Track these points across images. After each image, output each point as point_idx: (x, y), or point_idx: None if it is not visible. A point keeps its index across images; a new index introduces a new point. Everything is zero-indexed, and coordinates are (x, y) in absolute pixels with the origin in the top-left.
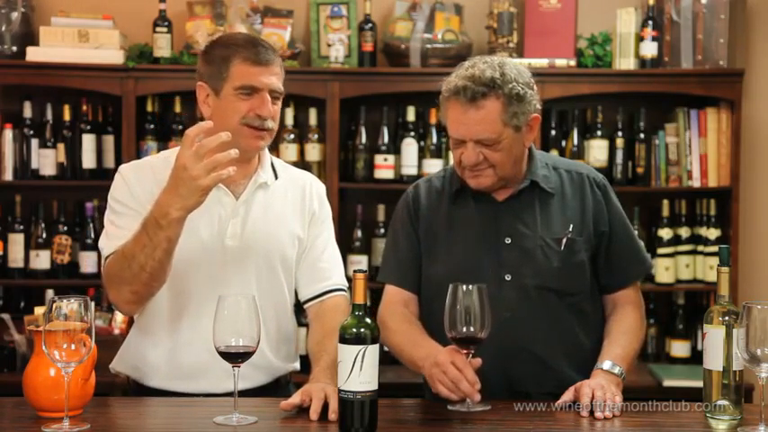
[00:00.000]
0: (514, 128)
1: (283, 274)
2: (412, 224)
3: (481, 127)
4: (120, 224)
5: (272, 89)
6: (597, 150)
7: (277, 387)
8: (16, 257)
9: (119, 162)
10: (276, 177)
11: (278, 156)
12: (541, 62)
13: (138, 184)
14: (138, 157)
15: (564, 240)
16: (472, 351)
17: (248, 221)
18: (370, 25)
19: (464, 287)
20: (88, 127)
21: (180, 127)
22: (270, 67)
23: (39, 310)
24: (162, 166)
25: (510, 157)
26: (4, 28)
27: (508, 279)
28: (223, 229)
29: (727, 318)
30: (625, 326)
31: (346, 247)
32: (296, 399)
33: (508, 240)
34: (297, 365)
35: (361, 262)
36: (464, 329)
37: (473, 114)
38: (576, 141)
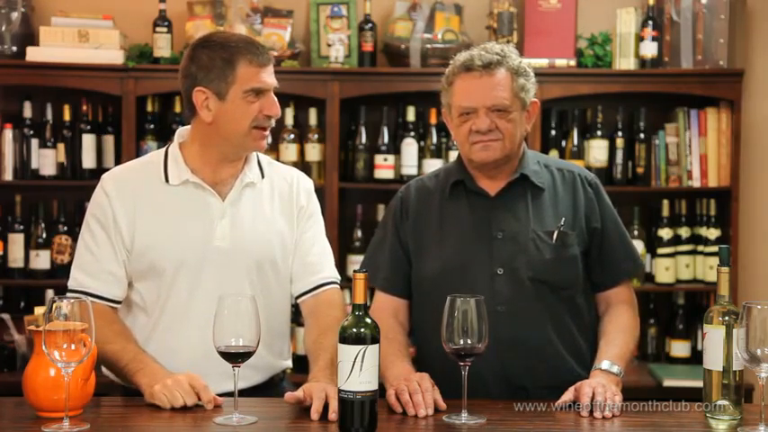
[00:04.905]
0: (521, 102)
1: (273, 274)
2: (399, 227)
3: (495, 92)
4: (94, 251)
5: (275, 87)
6: (597, 150)
7: (271, 385)
8: (16, 257)
9: (119, 162)
10: (263, 176)
11: (278, 156)
12: (541, 62)
13: (119, 199)
14: (138, 156)
15: (556, 233)
16: (469, 363)
17: (237, 222)
18: (370, 25)
19: (461, 299)
20: (88, 127)
21: (180, 127)
22: (270, 66)
23: (39, 310)
24: (144, 172)
25: (517, 132)
26: (4, 28)
27: (500, 273)
28: (211, 230)
29: (727, 318)
30: (620, 325)
31: (346, 247)
32: (299, 393)
33: (500, 235)
34: (289, 363)
35: (361, 262)
36: (462, 342)
37: (487, 80)
38: (575, 141)
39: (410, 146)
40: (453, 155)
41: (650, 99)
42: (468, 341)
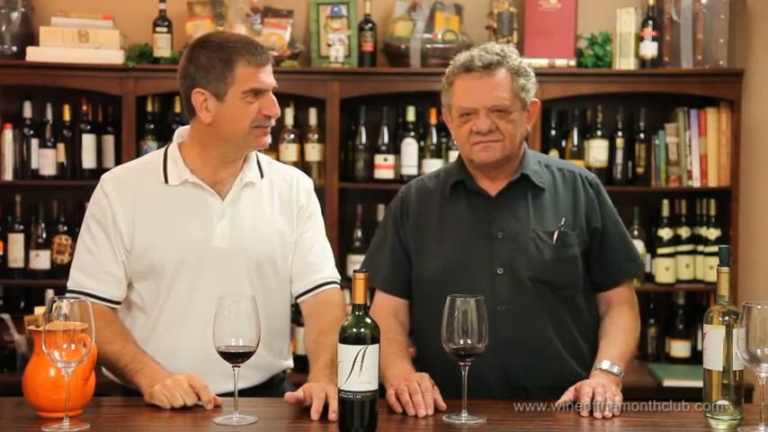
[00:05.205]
0: (522, 103)
1: (273, 274)
2: (400, 228)
3: (495, 93)
4: (94, 251)
5: (274, 87)
6: (597, 150)
7: (271, 385)
8: (16, 257)
9: (119, 162)
10: (262, 176)
11: (278, 156)
12: (541, 62)
13: (118, 200)
14: (138, 156)
15: (556, 233)
16: (469, 363)
17: (236, 222)
18: (370, 25)
19: (461, 299)
20: (88, 127)
21: (180, 127)
22: (269, 66)
23: (39, 310)
24: (143, 172)
25: (517, 133)
26: (4, 28)
27: (500, 272)
28: (211, 230)
29: (727, 318)
30: (621, 325)
31: (346, 247)
32: (299, 393)
33: (500, 235)
34: (290, 363)
35: (361, 262)
36: (462, 342)
37: (487, 81)
38: (575, 141)
39: (410, 146)
40: (453, 155)
41: (650, 99)
42: (468, 341)
